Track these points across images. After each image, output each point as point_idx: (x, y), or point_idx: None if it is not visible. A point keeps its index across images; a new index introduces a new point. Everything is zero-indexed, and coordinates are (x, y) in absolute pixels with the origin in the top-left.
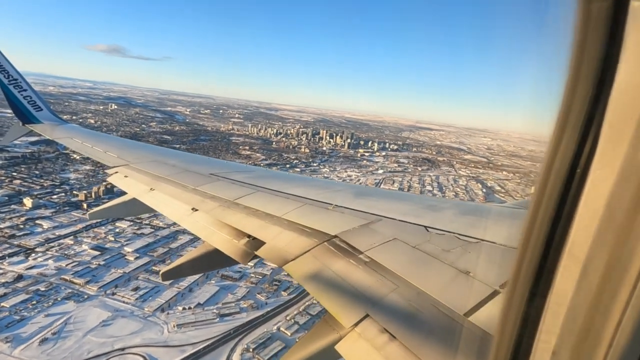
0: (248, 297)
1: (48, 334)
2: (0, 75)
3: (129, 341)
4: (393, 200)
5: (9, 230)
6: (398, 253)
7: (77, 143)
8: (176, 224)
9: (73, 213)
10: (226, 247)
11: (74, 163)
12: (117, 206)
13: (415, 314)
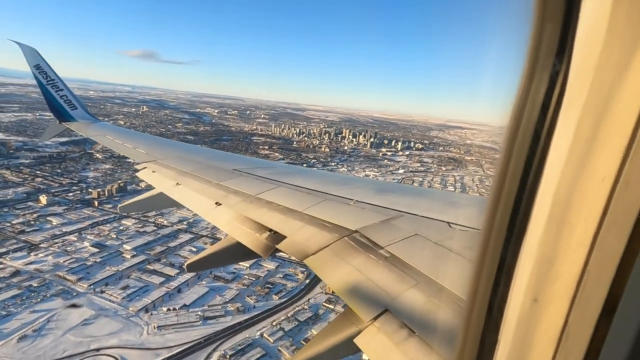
0: (236, 300)
1: (29, 331)
2: (40, 76)
3: (105, 342)
4: (415, 196)
5: (20, 226)
6: (419, 249)
7: (108, 140)
8: (179, 222)
9: (84, 210)
10: (248, 240)
11: (96, 162)
12: (146, 200)
13: (436, 311)
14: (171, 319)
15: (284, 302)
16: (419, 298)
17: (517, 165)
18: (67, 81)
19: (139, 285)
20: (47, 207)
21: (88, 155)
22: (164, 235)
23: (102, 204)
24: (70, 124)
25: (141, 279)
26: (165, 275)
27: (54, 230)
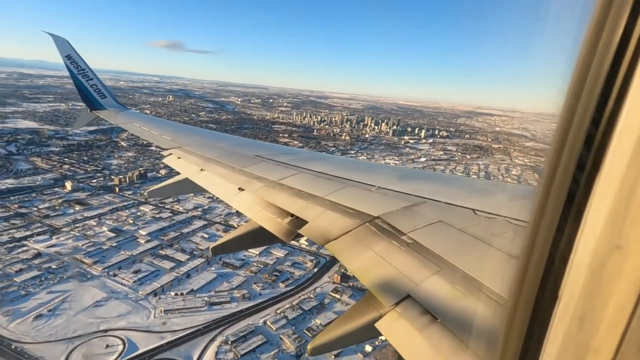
0: (243, 287)
1: (44, 310)
2: (71, 66)
3: (113, 323)
4: (439, 183)
5: (45, 210)
6: (443, 235)
7: (136, 127)
8: (194, 209)
9: (105, 196)
10: (270, 225)
11: (120, 150)
12: (172, 185)
13: (460, 297)
14: (178, 304)
15: (290, 291)
16: (442, 285)
17: (571, 155)
18: (100, 72)
19: (150, 270)
20: (72, 192)
21: (114, 143)
22: (179, 222)
23: (122, 190)
24: (100, 112)
25: (153, 264)
26: (176, 260)
27: (76, 215)
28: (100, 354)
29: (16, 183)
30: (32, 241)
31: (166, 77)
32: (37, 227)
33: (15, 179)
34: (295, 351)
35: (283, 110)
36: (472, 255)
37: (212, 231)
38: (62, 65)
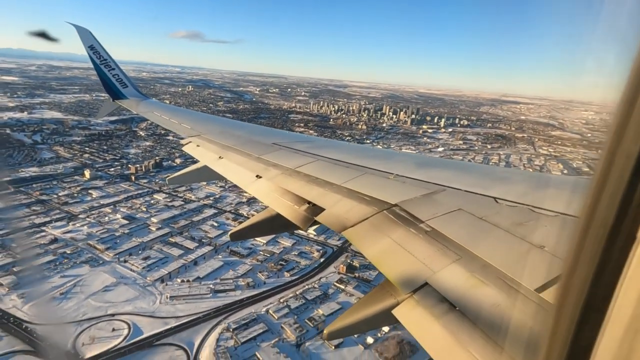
0: (248, 275)
1: (57, 293)
2: (94, 56)
3: (120, 308)
4: (459, 171)
5: (65, 197)
6: (463, 224)
7: (156, 116)
8: (205, 198)
9: (121, 184)
10: (288, 212)
11: (138, 140)
12: (191, 173)
13: (479, 286)
14: (183, 290)
15: (294, 280)
16: (461, 273)
17: (634, 144)
18: (124, 64)
19: (159, 257)
20: (90, 180)
21: (133, 133)
22: (190, 210)
23: (138, 178)
24: (122, 102)
25: (162, 251)
26: (185, 248)
27: (93, 202)
28: (106, 337)
29: (39, 171)
30: (50, 227)
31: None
32: (55, 214)
33: (38, 167)
34: (295, 340)
35: (300, 99)
36: (493, 244)
37: (221, 220)
38: (88, 58)
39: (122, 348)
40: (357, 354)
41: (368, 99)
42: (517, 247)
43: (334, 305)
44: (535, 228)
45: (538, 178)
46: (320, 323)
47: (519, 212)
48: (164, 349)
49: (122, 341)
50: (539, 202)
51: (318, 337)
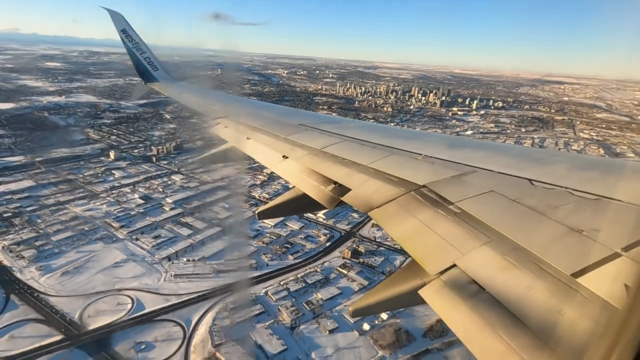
0: (252, 257)
1: (71, 267)
2: (126, 40)
3: (127, 284)
4: (492, 152)
5: (89, 177)
6: (494, 206)
7: (186, 98)
8: (220, 180)
9: (142, 165)
10: (314, 192)
11: (164, 122)
12: (219, 153)
13: (510, 269)
14: (188, 269)
15: (297, 263)
16: (491, 255)
17: None
18: (158, 49)
19: (169, 236)
20: (114, 161)
21: (159, 115)
22: (204, 191)
23: (159, 160)
24: (153, 85)
25: (172, 230)
26: (194, 228)
27: (114, 182)
28: (110, 310)
29: (69, 152)
30: (73, 205)
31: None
32: (79, 192)
33: (69, 148)
34: (290, 323)
35: (328, 81)
36: (526, 227)
37: (233, 202)
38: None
39: (124, 322)
40: (352, 340)
41: (398, 80)
42: (553, 230)
43: (334, 290)
44: (574, 211)
45: (578, 160)
46: (318, 307)
47: (557, 195)
48: (163, 325)
49: (124, 315)
50: (579, 184)
51: (313, 320)
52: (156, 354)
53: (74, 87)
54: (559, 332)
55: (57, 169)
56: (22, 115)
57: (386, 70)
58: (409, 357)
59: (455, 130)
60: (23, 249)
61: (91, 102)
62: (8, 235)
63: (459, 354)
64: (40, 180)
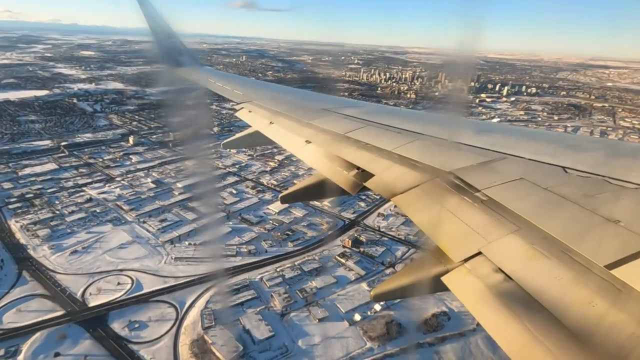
0: (252, 243)
1: (80, 247)
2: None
3: (130, 265)
4: (522, 138)
5: (108, 161)
6: (524, 194)
7: (211, 83)
8: (232, 166)
9: (159, 151)
10: (336, 177)
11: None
12: (244, 137)
13: (539, 258)
14: (188, 253)
15: (296, 250)
16: (519, 244)
17: None
18: (187, 37)
19: (174, 220)
20: (133, 147)
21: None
22: (214, 177)
23: (175, 145)
24: (179, 70)
25: (179, 214)
26: (200, 213)
27: (130, 167)
28: (111, 289)
29: (92, 137)
30: (90, 188)
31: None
32: (97, 176)
33: (92, 133)
34: (281, 310)
35: (353, 67)
36: (558, 217)
37: (241, 187)
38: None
39: (122, 301)
40: (341, 330)
41: (426, 66)
42: (586, 220)
43: (329, 279)
44: (610, 201)
45: (617, 147)
46: (310, 295)
47: (592, 183)
48: (158, 305)
49: (123, 294)
50: (617, 172)
51: (304, 308)
52: (148, 333)
53: (104, 75)
54: (589, 323)
55: (79, 153)
56: (54, 102)
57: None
58: (397, 350)
59: (480, 118)
60: (39, 228)
61: (118, 89)
62: (27, 215)
63: (452, 349)
64: (63, 163)
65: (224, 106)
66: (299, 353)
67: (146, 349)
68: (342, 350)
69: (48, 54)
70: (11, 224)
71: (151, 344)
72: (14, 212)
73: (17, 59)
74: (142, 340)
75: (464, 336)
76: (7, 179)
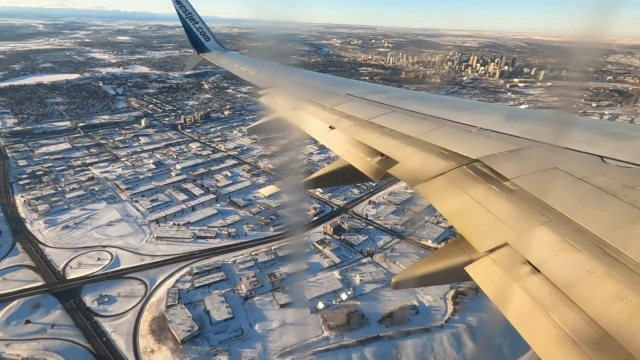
0: (234, 225)
1: (71, 223)
2: (180, 10)
3: (113, 242)
4: (557, 125)
5: (118, 142)
6: (556, 184)
7: (235, 68)
8: (233, 149)
9: (167, 133)
10: (360, 164)
11: (201, 92)
12: (267, 123)
13: (570, 251)
14: (170, 233)
15: (276, 235)
16: (549, 236)
17: None
18: (222, 21)
19: (165, 200)
20: (144, 128)
21: (199, 86)
22: (213, 160)
23: (184, 128)
24: (205, 55)
25: (170, 195)
26: (191, 194)
27: (137, 148)
28: (90, 264)
29: (108, 119)
30: (95, 167)
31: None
32: (104, 156)
33: (109, 115)
34: (245, 293)
35: (381, 51)
36: (593, 208)
37: (237, 171)
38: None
39: (98, 275)
40: (301, 317)
41: (460, 48)
42: (624, 213)
43: (302, 265)
44: None
45: None
46: (278, 280)
47: (634, 174)
48: (129, 282)
49: (99, 270)
50: None
51: (269, 293)
52: (115, 308)
53: (133, 59)
54: (622, 320)
55: (93, 133)
56: (82, 85)
57: (450, 39)
58: (354, 342)
59: (507, 104)
60: (40, 203)
61: (143, 72)
62: (33, 191)
63: (413, 344)
64: (76, 143)
65: (240, 90)
66: (253, 337)
67: (109, 323)
68: (297, 338)
69: (87, 39)
70: (17, 198)
71: (115, 318)
72: (23, 187)
73: (58, 44)
74: (108, 314)
75: (428, 332)
76: (24, 156)
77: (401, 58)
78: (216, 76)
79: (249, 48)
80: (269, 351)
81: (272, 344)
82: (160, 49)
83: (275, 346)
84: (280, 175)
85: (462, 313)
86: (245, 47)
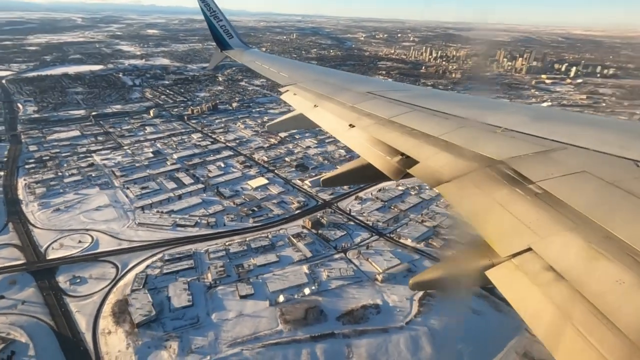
0: (215, 216)
1: (63, 206)
2: (204, 8)
3: (97, 226)
4: (587, 126)
5: (124, 131)
6: (585, 188)
7: (257, 65)
8: (232, 141)
9: (173, 123)
10: (379, 163)
11: (214, 85)
12: (288, 120)
13: (598, 259)
14: (152, 219)
15: (255, 227)
16: (576, 242)
17: None
18: (252, 15)
19: (155, 188)
20: (152, 118)
21: (213, 78)
22: (210, 150)
23: (190, 119)
24: (228, 52)
25: (161, 183)
26: (181, 183)
27: (141, 137)
28: (70, 246)
29: (120, 108)
30: (97, 154)
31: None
32: (109, 144)
33: (122, 105)
34: (210, 282)
35: (406, 45)
36: (624, 214)
37: (231, 162)
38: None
39: (75, 257)
40: (259, 309)
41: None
42: None
43: (272, 258)
44: None
45: None
46: (245, 272)
47: None
48: (103, 265)
49: (78, 252)
50: None
51: (233, 284)
52: (85, 289)
53: (156, 52)
54: None
55: (104, 122)
56: (103, 76)
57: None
58: (307, 337)
59: (529, 102)
60: (38, 186)
61: (164, 64)
62: (36, 175)
63: (367, 344)
64: (86, 131)
65: (252, 82)
66: (208, 325)
67: (76, 303)
68: (250, 329)
69: (119, 32)
70: (19, 181)
71: (82, 299)
72: (27, 171)
73: (90, 37)
74: (77, 294)
75: (386, 332)
76: (35, 142)
77: (424, 52)
78: (232, 69)
79: (272, 41)
80: (219, 340)
81: (225, 333)
82: (185, 41)
83: (228, 336)
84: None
85: (425, 315)
86: (268, 40)
